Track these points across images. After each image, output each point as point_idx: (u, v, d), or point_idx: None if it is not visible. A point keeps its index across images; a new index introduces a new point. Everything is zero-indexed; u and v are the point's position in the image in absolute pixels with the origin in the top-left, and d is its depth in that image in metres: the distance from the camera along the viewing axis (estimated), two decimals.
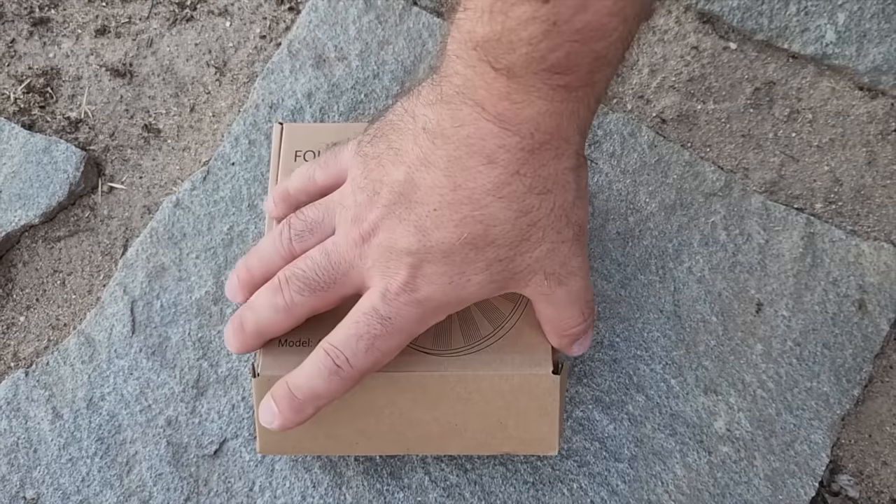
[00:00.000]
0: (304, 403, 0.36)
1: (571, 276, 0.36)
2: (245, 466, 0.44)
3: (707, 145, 0.51)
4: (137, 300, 0.47)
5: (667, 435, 0.45)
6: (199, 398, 0.45)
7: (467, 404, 0.38)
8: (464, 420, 0.39)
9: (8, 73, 0.53)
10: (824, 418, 0.45)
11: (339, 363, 0.35)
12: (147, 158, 0.51)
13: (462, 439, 0.39)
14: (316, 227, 0.37)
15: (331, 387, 0.35)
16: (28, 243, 0.49)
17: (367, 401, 0.38)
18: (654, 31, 0.53)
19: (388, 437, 0.40)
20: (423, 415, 0.39)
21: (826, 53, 0.52)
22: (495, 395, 0.38)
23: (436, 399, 0.38)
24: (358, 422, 0.39)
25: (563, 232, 0.34)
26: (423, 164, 0.33)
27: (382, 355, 0.35)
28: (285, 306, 0.36)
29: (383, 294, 0.34)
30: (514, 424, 0.39)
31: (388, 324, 0.34)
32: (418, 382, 0.38)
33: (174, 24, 0.54)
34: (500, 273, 0.34)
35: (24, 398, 0.45)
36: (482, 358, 0.38)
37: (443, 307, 0.35)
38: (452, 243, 0.33)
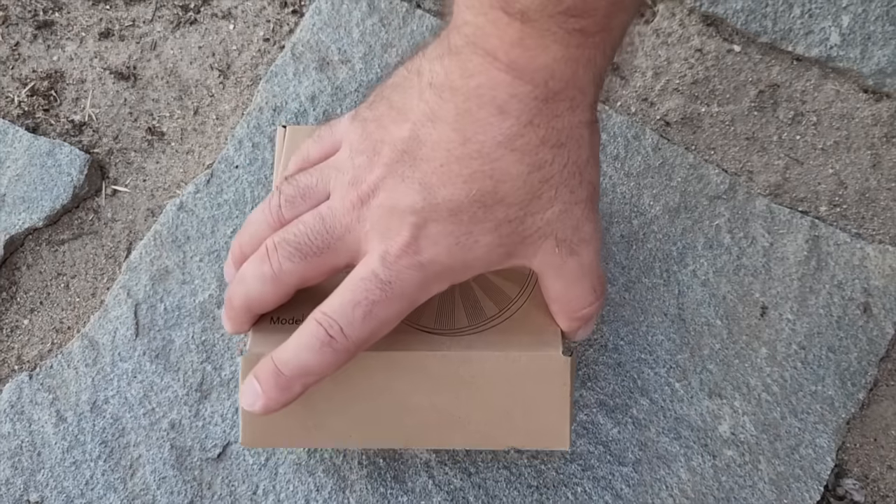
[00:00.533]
0: (292, 380, 0.32)
1: (584, 244, 0.33)
2: (249, 470, 0.44)
3: (711, 148, 0.51)
4: (141, 303, 0.47)
5: (671, 439, 0.44)
6: (202, 401, 0.45)
7: (471, 389, 0.36)
8: (467, 409, 0.36)
9: (12, 76, 0.53)
10: (829, 422, 0.45)
11: (333, 333, 0.32)
12: (151, 161, 0.51)
13: (465, 431, 0.36)
14: (308, 192, 0.34)
15: (322, 360, 0.32)
16: (32, 246, 0.49)
17: (362, 384, 0.35)
18: (657, 33, 0.53)
19: (384, 428, 0.36)
20: (422, 400, 0.36)
21: (830, 56, 0.52)
22: (501, 378, 0.35)
23: (437, 382, 0.36)
24: (351, 409, 0.36)
25: (577, 192, 0.32)
26: (429, 119, 0.31)
27: (380, 325, 0.32)
28: (273, 275, 0.33)
29: (383, 257, 0.31)
30: (521, 414, 0.36)
31: (388, 289, 0.31)
32: (418, 363, 0.35)
33: (178, 27, 0.54)
34: (509, 236, 0.32)
35: (27, 401, 0.45)
36: (487, 338, 0.36)
37: (447, 272, 0.32)
38: (460, 200, 0.31)
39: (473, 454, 0.44)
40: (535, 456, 0.44)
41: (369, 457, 0.44)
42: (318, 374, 0.33)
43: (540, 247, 0.33)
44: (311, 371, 0.32)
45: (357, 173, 0.33)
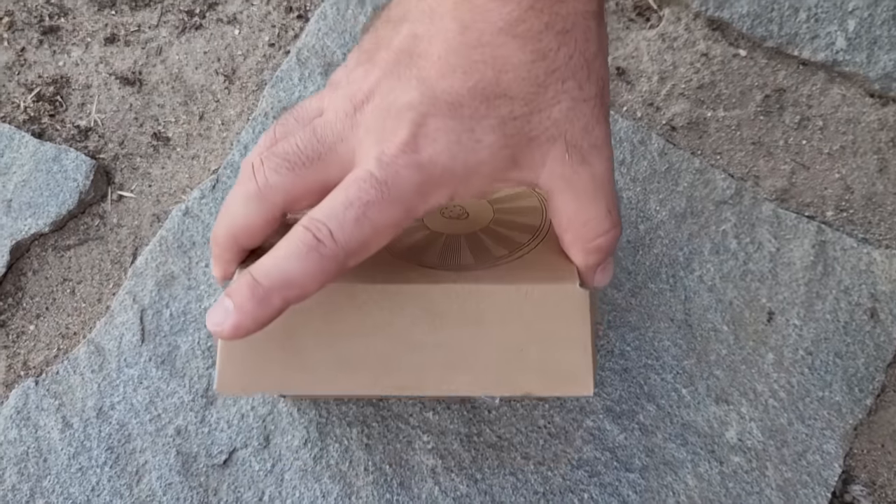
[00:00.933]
0: (270, 292, 0.28)
1: (595, 152, 0.30)
2: (255, 476, 0.44)
3: (717, 153, 0.51)
4: (147, 309, 0.47)
5: (678, 445, 0.44)
6: (208, 407, 0.45)
7: (479, 326, 0.31)
8: (474, 348, 0.31)
9: (18, 82, 0.53)
10: (837, 428, 0.45)
11: (321, 237, 0.28)
12: (156, 167, 0.51)
13: (473, 374, 0.31)
14: (303, 114, 0.32)
15: (307, 268, 0.28)
16: (38, 252, 0.49)
17: (355, 321, 0.31)
18: (663, 38, 0.53)
19: (378, 370, 0.31)
20: (424, 337, 0.31)
21: (836, 60, 0.52)
22: (512, 313, 0.31)
23: (440, 318, 0.31)
24: (341, 346, 0.31)
25: (586, 88, 0.29)
26: (426, 16, 0.29)
27: (374, 231, 0.29)
28: (257, 190, 0.30)
29: (378, 157, 0.28)
30: (536, 353, 0.31)
31: (384, 189, 0.28)
32: (419, 296, 0.31)
33: (183, 33, 0.54)
34: (514, 136, 0.29)
35: (33, 407, 0.45)
36: (496, 273, 0.32)
37: (447, 176, 0.29)
38: (460, 93, 0.28)
39: (480, 461, 0.44)
40: (542, 462, 0.44)
41: (375, 463, 0.44)
42: (301, 286, 0.28)
43: (548, 152, 0.30)
44: (293, 281, 0.28)
45: (352, 86, 0.30)
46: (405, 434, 0.44)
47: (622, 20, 0.53)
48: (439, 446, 0.44)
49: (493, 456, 0.44)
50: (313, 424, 0.44)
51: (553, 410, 0.45)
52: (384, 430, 0.44)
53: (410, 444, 0.44)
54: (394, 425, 0.45)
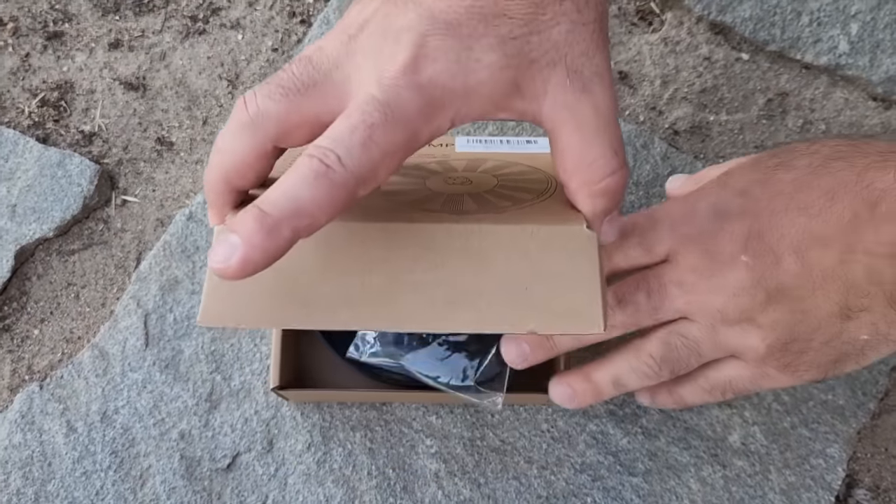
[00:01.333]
0: (280, 222, 0.26)
1: (597, 79, 0.30)
2: (258, 480, 0.44)
3: (720, 156, 0.51)
4: (151, 313, 0.47)
5: (681, 449, 0.44)
6: (212, 412, 0.45)
7: (482, 264, 0.30)
8: (478, 284, 0.30)
9: (22, 87, 0.53)
10: (840, 432, 0.45)
11: (329, 162, 0.27)
12: (160, 171, 0.51)
13: (476, 310, 0.30)
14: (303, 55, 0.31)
15: (318, 195, 0.27)
16: (42, 256, 0.49)
17: (355, 256, 0.30)
18: (665, 42, 0.53)
19: (377, 307, 0.30)
20: (425, 275, 0.30)
21: (839, 64, 0.52)
22: (517, 252, 0.30)
23: (442, 256, 0.30)
24: (339, 282, 0.30)
25: (584, 11, 0.29)
26: None
27: (381, 154, 0.28)
28: (249, 120, 0.29)
29: (379, 80, 0.28)
30: (542, 291, 0.30)
31: (387, 111, 0.28)
32: (420, 234, 0.31)
33: (187, 38, 0.54)
34: (514, 57, 0.29)
35: (38, 411, 0.45)
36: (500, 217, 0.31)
37: (449, 96, 0.29)
38: (458, 12, 0.28)
39: (483, 465, 0.44)
40: (545, 466, 0.44)
41: (378, 467, 0.44)
42: (311, 215, 0.27)
43: (549, 78, 0.29)
44: (303, 210, 0.26)
45: (348, 18, 0.30)
46: (408, 438, 0.44)
47: (625, 24, 0.54)
48: (442, 450, 0.44)
49: (497, 460, 0.44)
50: (317, 428, 0.45)
51: (556, 414, 0.45)
52: (387, 434, 0.45)
53: (413, 448, 0.44)
54: (397, 429, 0.45)
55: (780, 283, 0.32)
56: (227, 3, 0.55)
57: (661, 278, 0.35)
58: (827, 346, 0.32)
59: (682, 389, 0.37)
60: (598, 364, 0.37)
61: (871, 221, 0.30)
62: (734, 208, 0.34)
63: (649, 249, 0.35)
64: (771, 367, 0.34)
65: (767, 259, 0.32)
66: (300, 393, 0.43)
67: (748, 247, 0.33)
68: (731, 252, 0.33)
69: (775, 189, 0.33)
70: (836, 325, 0.32)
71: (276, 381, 0.40)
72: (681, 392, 0.38)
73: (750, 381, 0.35)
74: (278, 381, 0.40)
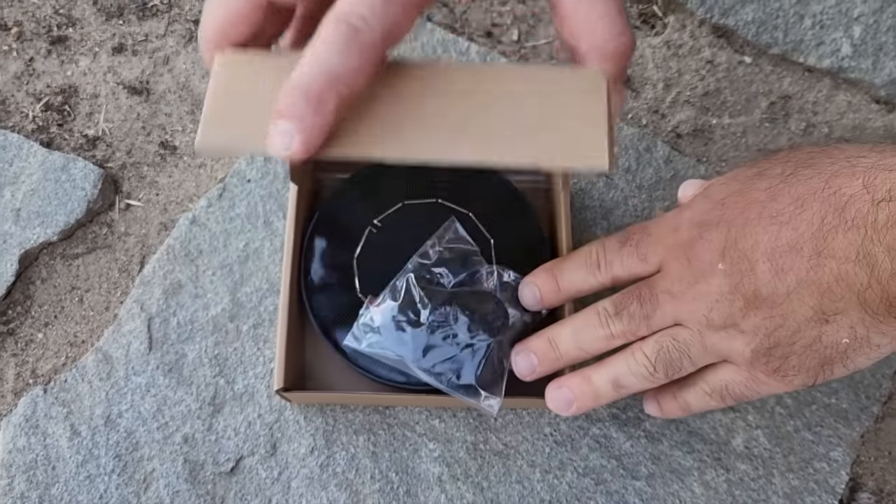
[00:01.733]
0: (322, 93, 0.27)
1: None
2: (261, 484, 0.44)
3: (723, 160, 0.51)
4: (154, 317, 0.47)
5: (684, 452, 0.44)
6: (215, 415, 0.45)
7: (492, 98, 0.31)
8: (483, 118, 0.31)
9: (26, 92, 0.53)
10: (843, 436, 0.45)
11: (355, 22, 0.27)
12: (163, 175, 0.51)
13: (480, 142, 0.30)
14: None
15: (351, 60, 0.27)
16: (46, 260, 0.50)
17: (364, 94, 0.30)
18: (668, 45, 0.53)
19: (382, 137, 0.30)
20: (437, 109, 0.31)
21: (842, 67, 0.52)
22: (526, 89, 0.31)
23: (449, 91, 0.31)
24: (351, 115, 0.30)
25: None
26: None
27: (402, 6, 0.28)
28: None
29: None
30: (549, 126, 0.31)
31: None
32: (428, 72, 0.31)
33: (190, 42, 0.54)
34: None
35: (42, 415, 0.45)
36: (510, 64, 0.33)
37: None
38: None
39: (486, 469, 0.44)
40: (548, 470, 0.44)
41: (381, 471, 0.44)
42: (348, 81, 0.28)
43: None
44: (340, 76, 0.28)
45: None
46: (411, 442, 0.45)
47: None
48: (445, 454, 0.44)
49: (500, 464, 0.44)
50: (320, 432, 0.45)
51: (559, 418, 0.45)
52: (390, 437, 0.45)
53: (417, 452, 0.44)
54: (400, 433, 0.45)
55: (756, 290, 0.33)
56: None
57: (653, 288, 0.36)
58: (809, 350, 0.33)
59: (685, 394, 0.38)
60: (596, 366, 0.38)
61: (840, 227, 0.31)
62: (713, 218, 0.35)
63: (644, 259, 0.37)
64: (760, 371, 0.35)
65: (743, 266, 0.33)
66: (304, 395, 0.43)
67: (725, 255, 0.33)
68: (709, 260, 0.34)
69: (750, 198, 0.34)
70: (814, 328, 0.32)
71: (280, 383, 0.40)
72: (685, 397, 0.38)
73: (745, 386, 0.36)
74: (282, 384, 0.40)
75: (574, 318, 0.38)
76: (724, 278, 0.33)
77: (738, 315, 0.33)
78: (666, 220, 0.37)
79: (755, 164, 0.36)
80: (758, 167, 0.35)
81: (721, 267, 0.33)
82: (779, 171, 0.34)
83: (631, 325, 0.36)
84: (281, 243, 0.48)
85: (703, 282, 0.34)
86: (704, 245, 0.34)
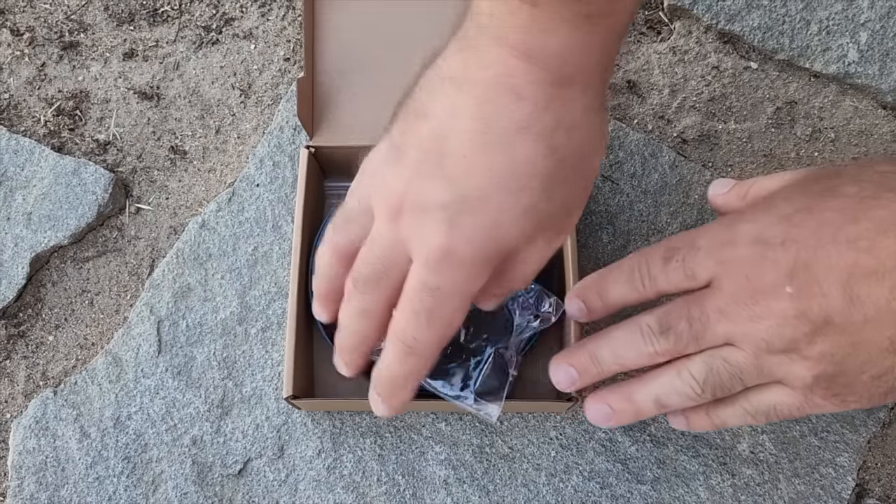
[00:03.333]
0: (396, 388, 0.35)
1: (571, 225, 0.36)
2: (269, 486, 0.44)
3: (728, 165, 0.51)
4: (164, 320, 0.47)
5: (690, 457, 0.44)
6: (223, 418, 0.45)
7: None
8: None
9: (38, 97, 0.54)
10: (850, 441, 0.45)
11: (410, 344, 0.34)
12: (173, 180, 0.52)
13: None
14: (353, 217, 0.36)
15: (409, 368, 0.34)
16: (57, 263, 0.50)
17: None
18: (674, 51, 0.53)
19: None
20: None
21: (848, 73, 0.52)
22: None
23: None
24: None
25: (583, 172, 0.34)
26: (450, 114, 0.32)
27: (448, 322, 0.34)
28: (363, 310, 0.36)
29: (425, 264, 0.33)
30: None
31: (439, 294, 0.33)
32: None
33: (200, 48, 0.55)
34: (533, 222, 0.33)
35: (52, 417, 0.46)
36: None
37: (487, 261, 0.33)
38: (486, 189, 0.32)
39: (492, 472, 0.44)
40: (554, 474, 0.44)
41: (388, 473, 0.44)
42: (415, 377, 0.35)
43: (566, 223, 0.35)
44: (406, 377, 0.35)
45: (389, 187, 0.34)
46: (418, 445, 0.45)
47: (633, 34, 0.54)
48: (452, 457, 0.44)
49: (505, 467, 0.44)
50: (327, 435, 0.45)
51: (565, 422, 0.45)
52: (397, 440, 0.45)
53: (423, 455, 0.45)
54: (406, 436, 0.45)
55: (828, 317, 0.31)
56: (240, 13, 0.55)
57: (703, 306, 0.34)
58: (878, 381, 0.32)
59: (723, 412, 0.37)
60: (639, 383, 0.37)
61: None
62: (776, 235, 0.33)
63: (692, 275, 0.35)
64: (818, 396, 0.33)
65: (813, 291, 0.32)
66: (312, 402, 0.43)
67: (793, 277, 0.32)
68: (774, 281, 0.32)
69: (822, 218, 0.33)
70: (888, 359, 0.31)
71: (289, 390, 0.41)
72: (722, 415, 0.37)
73: (797, 409, 0.35)
74: (291, 391, 0.41)
75: (615, 333, 0.37)
76: (790, 302, 0.32)
77: (802, 340, 0.32)
78: (716, 231, 0.36)
79: (819, 179, 0.35)
80: (824, 182, 0.34)
81: (788, 290, 0.32)
82: (853, 190, 0.33)
83: (678, 345, 0.35)
84: (289, 247, 0.48)
85: (763, 303, 0.33)
86: (768, 265, 0.33)
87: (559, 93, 0.31)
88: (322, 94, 0.48)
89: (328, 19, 0.49)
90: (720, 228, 0.35)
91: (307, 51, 0.48)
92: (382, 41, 0.48)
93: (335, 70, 0.48)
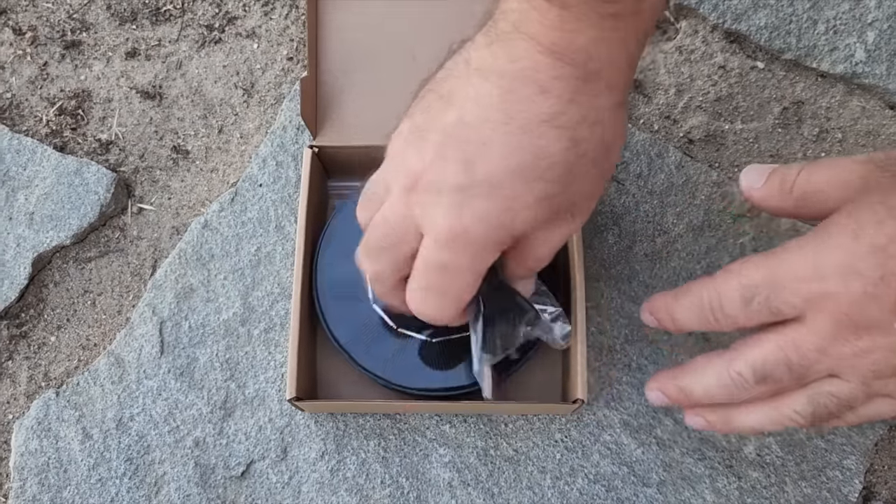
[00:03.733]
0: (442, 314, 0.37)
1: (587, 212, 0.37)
2: (272, 488, 0.44)
3: (735, 165, 0.51)
4: (166, 321, 0.47)
5: (696, 459, 0.44)
6: (226, 419, 0.45)
7: None
8: None
9: (40, 96, 0.53)
10: (857, 443, 0.44)
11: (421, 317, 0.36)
12: (176, 180, 0.52)
13: None
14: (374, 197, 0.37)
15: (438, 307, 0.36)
16: (59, 264, 0.50)
17: None
18: (680, 50, 0.53)
19: None
20: None
21: (855, 72, 0.51)
22: None
23: None
24: None
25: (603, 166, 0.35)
26: (475, 102, 0.33)
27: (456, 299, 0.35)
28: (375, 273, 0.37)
29: (435, 241, 0.34)
30: None
31: (447, 271, 0.34)
32: None
33: (203, 47, 0.54)
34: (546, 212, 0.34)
35: (54, 418, 0.45)
36: None
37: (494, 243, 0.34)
38: (501, 175, 0.32)
39: (496, 475, 0.44)
40: (559, 476, 0.44)
41: (392, 476, 0.44)
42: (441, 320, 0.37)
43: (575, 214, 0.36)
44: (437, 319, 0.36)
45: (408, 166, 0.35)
46: (422, 447, 0.44)
47: None
48: (456, 460, 0.44)
49: (510, 470, 0.44)
50: (330, 437, 0.45)
51: (570, 424, 0.45)
52: (401, 442, 0.45)
53: (427, 458, 0.44)
54: (410, 438, 0.45)
55: None
56: (243, 12, 0.55)
57: (800, 348, 0.33)
58: None
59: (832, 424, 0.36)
60: (739, 412, 0.36)
61: None
62: (873, 269, 0.31)
63: (777, 313, 0.34)
64: None
65: None
66: (316, 404, 0.43)
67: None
68: (878, 318, 0.31)
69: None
70: None
71: (292, 392, 0.40)
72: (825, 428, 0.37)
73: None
74: (294, 393, 0.40)
75: (706, 373, 0.35)
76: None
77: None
78: (797, 263, 0.33)
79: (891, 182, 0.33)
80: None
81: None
82: None
83: (777, 388, 0.34)
84: (293, 248, 0.48)
85: (867, 338, 0.32)
86: (868, 301, 0.31)
87: (584, 87, 0.32)
88: (325, 93, 0.47)
89: (332, 18, 0.49)
90: (799, 260, 0.33)
91: (310, 50, 0.47)
92: (386, 40, 0.48)
93: (339, 69, 0.48)
